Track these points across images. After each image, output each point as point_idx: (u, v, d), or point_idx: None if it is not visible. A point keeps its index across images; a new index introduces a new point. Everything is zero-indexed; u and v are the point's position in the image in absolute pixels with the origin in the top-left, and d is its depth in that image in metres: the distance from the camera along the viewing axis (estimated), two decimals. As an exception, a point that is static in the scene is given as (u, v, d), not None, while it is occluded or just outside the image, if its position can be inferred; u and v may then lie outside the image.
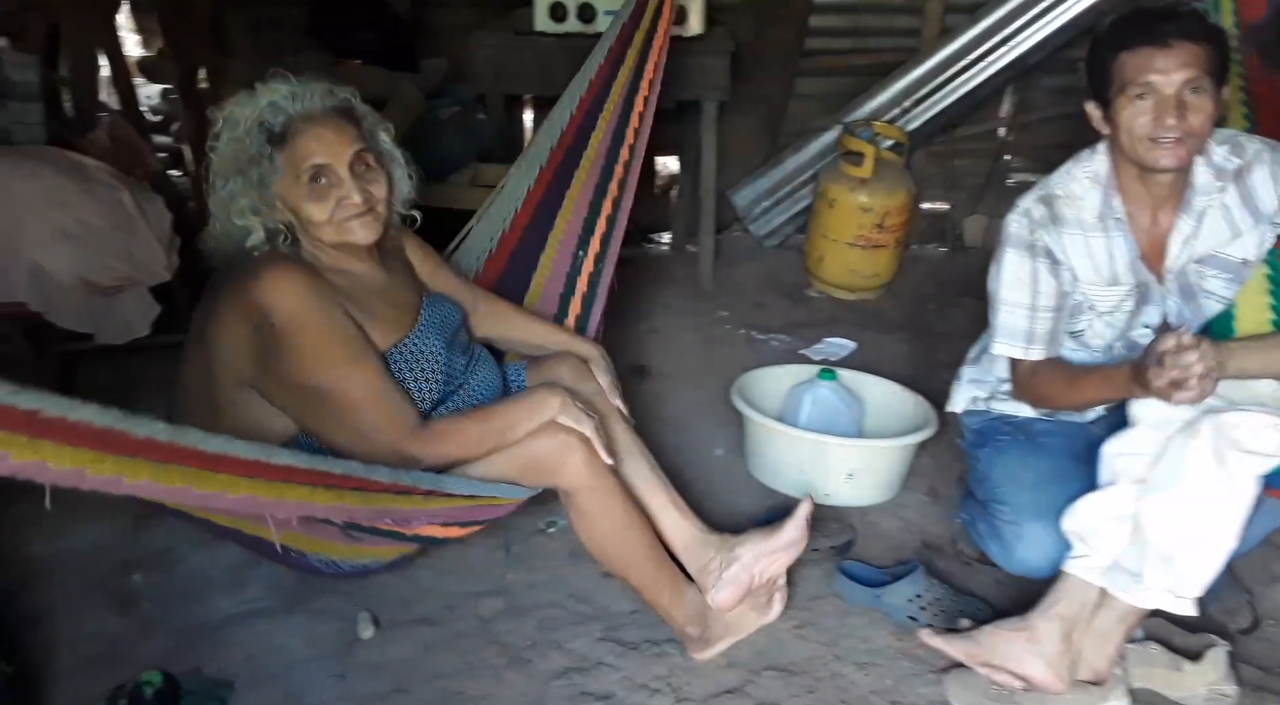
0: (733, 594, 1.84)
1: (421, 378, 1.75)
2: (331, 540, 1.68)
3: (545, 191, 2.32)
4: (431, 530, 1.68)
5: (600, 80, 2.36)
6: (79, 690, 1.79)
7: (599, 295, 2.26)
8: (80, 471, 1.03)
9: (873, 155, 3.35)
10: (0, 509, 2.21)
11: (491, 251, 2.32)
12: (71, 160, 2.69)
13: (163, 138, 4.64)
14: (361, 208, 1.68)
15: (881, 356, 3.08)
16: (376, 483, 1.41)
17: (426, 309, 1.85)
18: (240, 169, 1.65)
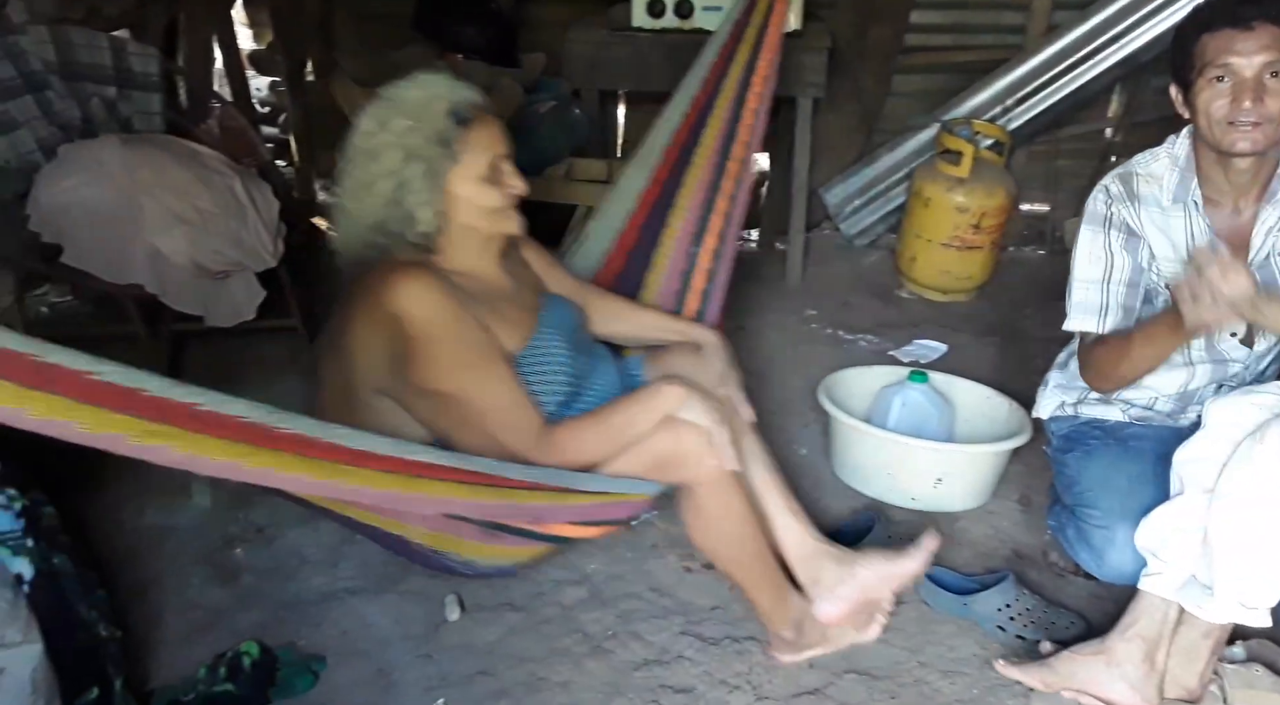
0: (841, 611, 1.83)
1: (549, 379, 1.74)
2: (471, 539, 1.67)
3: (660, 190, 2.32)
4: (565, 529, 1.67)
5: (713, 78, 2.37)
6: (182, 657, 1.88)
7: (715, 290, 2.26)
8: (237, 465, 1.09)
9: (971, 154, 3.29)
10: (115, 482, 2.33)
11: (609, 252, 2.32)
12: (188, 148, 2.81)
13: (270, 129, 4.80)
14: (518, 198, 1.72)
15: (973, 360, 3.02)
16: (509, 479, 1.42)
17: (546, 310, 1.84)
18: (420, 152, 1.63)
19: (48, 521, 1.67)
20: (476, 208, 1.69)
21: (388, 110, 1.66)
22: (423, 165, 1.63)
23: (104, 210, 2.55)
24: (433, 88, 1.67)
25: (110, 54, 2.87)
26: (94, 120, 2.83)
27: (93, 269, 2.58)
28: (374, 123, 1.67)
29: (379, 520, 1.65)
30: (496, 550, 1.74)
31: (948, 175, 3.35)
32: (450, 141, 1.64)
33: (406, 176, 1.64)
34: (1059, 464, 2.01)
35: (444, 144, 1.64)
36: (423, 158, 1.63)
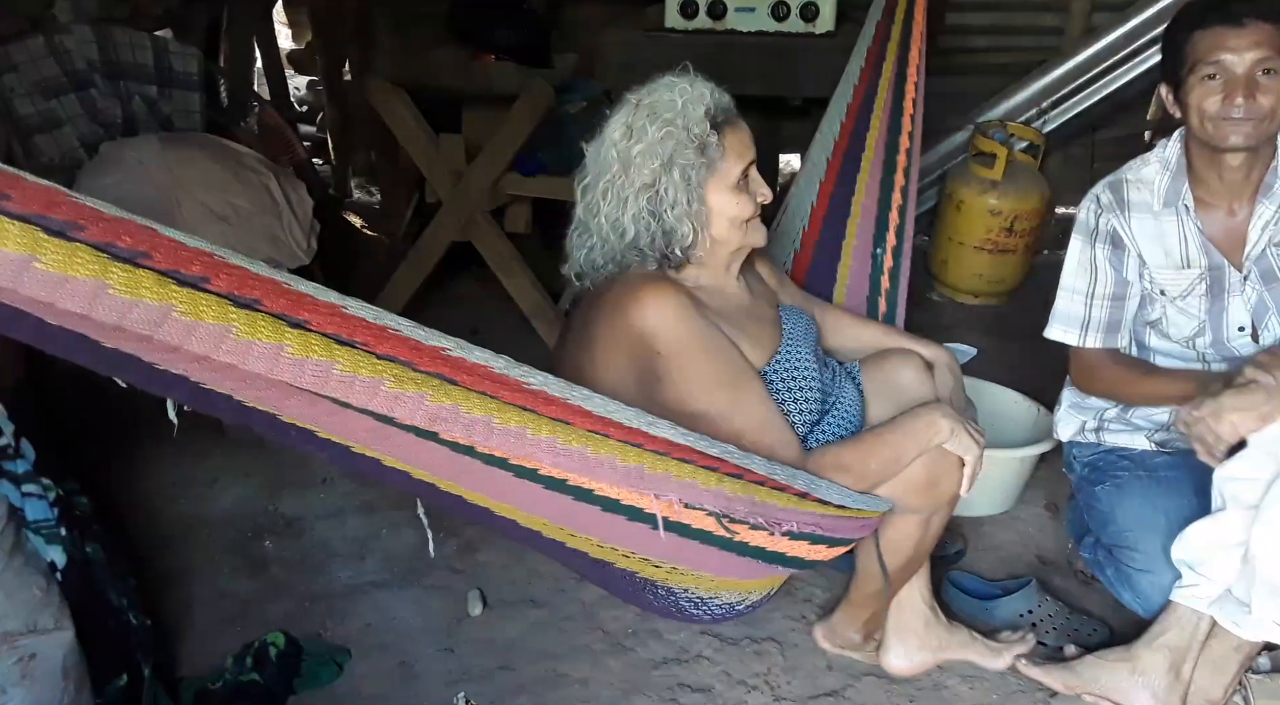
0: (907, 671, 1.84)
1: (799, 395, 1.62)
2: (702, 567, 1.49)
3: (829, 203, 2.31)
4: (799, 549, 1.47)
5: (865, 84, 2.38)
6: (210, 646, 1.92)
7: (902, 288, 2.26)
8: (488, 421, 1.01)
9: (1004, 157, 3.26)
10: (149, 472, 2.38)
11: (787, 270, 2.28)
12: (226, 147, 2.87)
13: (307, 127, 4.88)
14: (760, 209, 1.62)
15: (1004, 364, 2.99)
16: (752, 472, 1.34)
17: (786, 322, 1.72)
18: (678, 159, 1.50)
19: (81, 511, 1.72)
20: (729, 218, 1.57)
21: (639, 116, 1.52)
22: (681, 174, 1.51)
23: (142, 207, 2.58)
24: (688, 89, 1.54)
25: (152, 53, 2.93)
26: (135, 118, 2.89)
27: (131, 264, 2.64)
28: (621, 130, 1.53)
29: (615, 556, 1.45)
30: (731, 583, 1.59)
31: (981, 178, 3.32)
32: (708, 148, 1.52)
33: (666, 186, 1.51)
34: (1088, 496, 1.95)
35: (702, 150, 1.51)
36: (681, 165, 1.50)
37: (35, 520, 1.55)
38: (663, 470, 1.20)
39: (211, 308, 0.83)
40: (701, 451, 1.25)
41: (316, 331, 0.89)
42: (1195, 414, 1.54)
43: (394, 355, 0.93)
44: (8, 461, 1.52)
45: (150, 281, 0.80)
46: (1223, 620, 1.61)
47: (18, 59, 2.67)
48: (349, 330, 0.91)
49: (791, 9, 3.17)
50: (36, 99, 2.70)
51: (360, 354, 0.91)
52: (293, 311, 0.87)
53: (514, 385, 1.04)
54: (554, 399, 1.08)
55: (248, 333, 0.85)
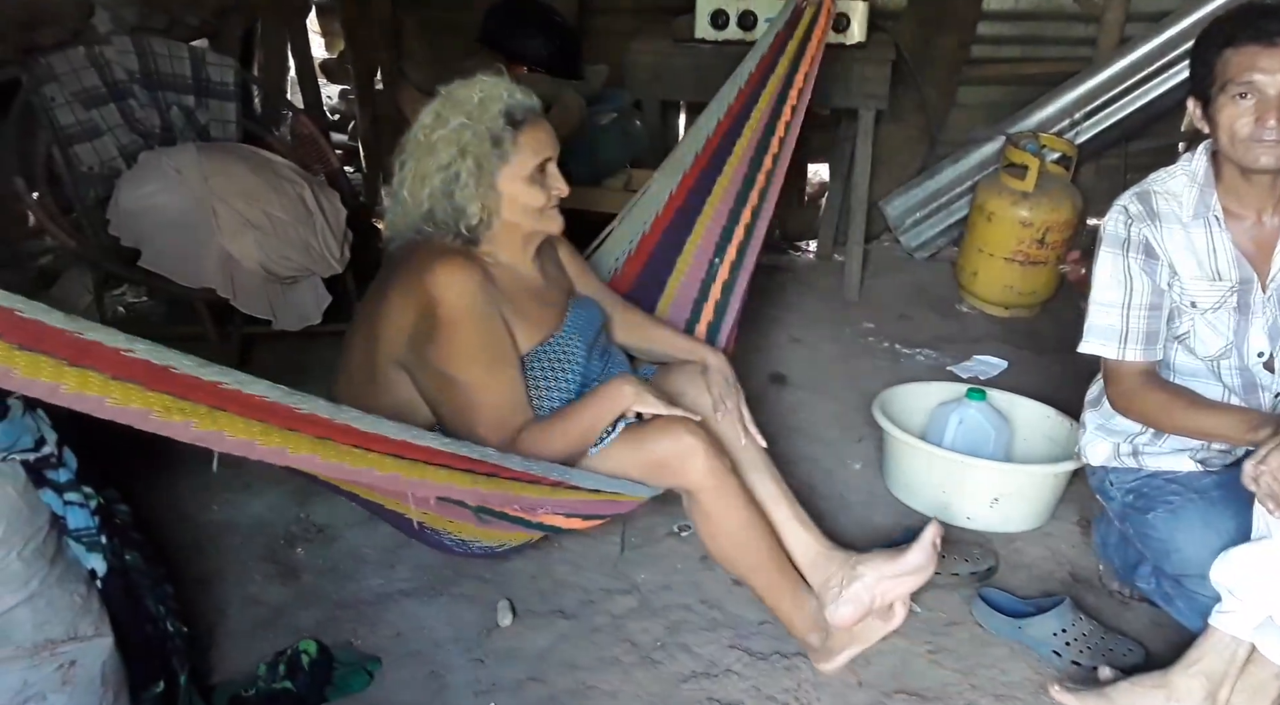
0: (851, 612, 1.82)
1: (560, 377, 1.84)
2: (464, 521, 1.75)
3: (686, 196, 2.34)
4: (555, 520, 1.75)
5: (750, 88, 2.37)
6: (243, 652, 1.94)
7: (732, 304, 2.27)
8: (251, 443, 1.14)
9: (1036, 168, 3.24)
10: (182, 477, 2.41)
11: (630, 253, 2.36)
12: (260, 156, 2.90)
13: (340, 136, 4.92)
14: (559, 198, 1.83)
15: (1035, 378, 2.97)
16: (508, 470, 1.50)
17: (573, 311, 1.93)
18: (471, 150, 1.73)
19: (121, 519, 1.74)
20: (521, 206, 1.79)
21: (446, 107, 1.77)
22: (474, 161, 1.73)
23: (180, 216, 2.64)
24: (490, 89, 1.77)
25: (190, 64, 2.97)
26: (173, 128, 2.93)
27: (167, 272, 2.67)
28: (432, 117, 1.78)
29: (383, 499, 1.76)
30: (489, 533, 1.84)
31: (1012, 189, 3.30)
32: (502, 141, 1.74)
33: (458, 171, 1.74)
34: (1140, 525, 1.90)
35: (496, 143, 1.74)
36: (475, 154, 1.73)
37: (76, 528, 1.57)
38: (418, 476, 1.37)
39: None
40: (463, 455, 1.42)
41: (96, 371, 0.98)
42: (1261, 467, 1.52)
43: (166, 389, 1.04)
44: (50, 470, 1.55)
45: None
46: (1263, 647, 1.59)
47: (59, 70, 2.71)
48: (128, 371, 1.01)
49: (822, 20, 3.17)
50: (77, 109, 2.74)
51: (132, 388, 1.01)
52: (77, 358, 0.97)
53: (282, 411, 1.17)
54: (321, 420, 1.21)
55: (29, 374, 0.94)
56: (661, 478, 1.79)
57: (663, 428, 1.78)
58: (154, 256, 2.65)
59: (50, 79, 2.69)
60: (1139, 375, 1.82)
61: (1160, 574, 1.89)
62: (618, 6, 3.96)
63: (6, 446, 1.47)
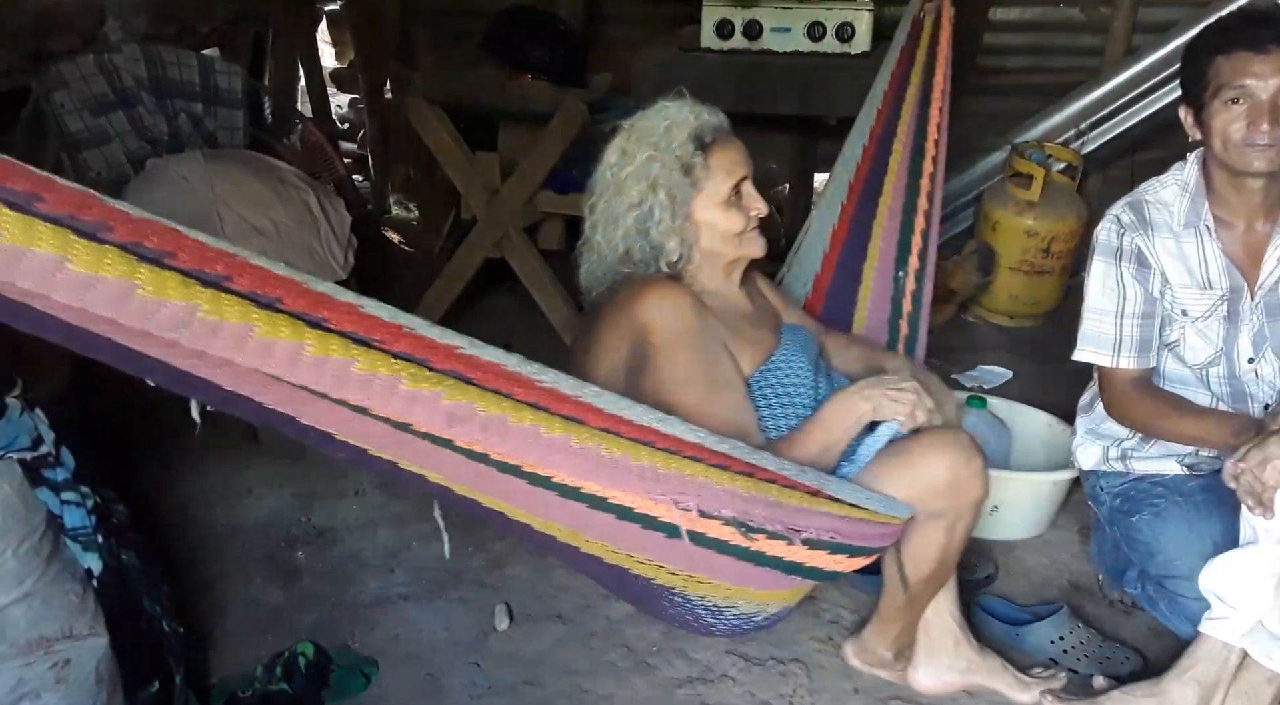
0: (935, 690, 1.82)
1: (791, 394, 1.69)
2: (720, 577, 1.51)
3: (850, 226, 2.31)
4: (818, 559, 1.46)
5: (888, 107, 2.36)
6: (241, 654, 1.94)
7: (924, 311, 2.23)
8: (503, 419, 1.02)
9: (1042, 178, 3.24)
10: (185, 480, 2.43)
11: (808, 295, 2.30)
12: (266, 163, 2.93)
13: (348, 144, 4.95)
14: (759, 219, 1.72)
15: (1040, 387, 2.96)
16: (762, 469, 1.34)
17: (787, 332, 1.82)
18: (662, 183, 1.62)
19: (118, 519, 1.75)
20: (720, 232, 1.68)
21: (630, 141, 1.66)
22: (666, 194, 1.62)
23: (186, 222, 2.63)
24: (673, 114, 1.66)
25: (198, 72, 3.01)
26: (181, 135, 2.96)
27: (173, 277, 2.69)
28: (617, 154, 1.67)
29: (632, 564, 1.46)
30: (750, 593, 1.59)
31: (1017, 199, 3.30)
32: (693, 168, 1.63)
33: (651, 206, 1.63)
34: (1126, 528, 1.91)
35: (686, 171, 1.63)
36: (666, 186, 1.62)
37: (73, 528, 1.58)
38: (675, 469, 1.21)
39: (234, 308, 0.85)
40: (710, 449, 1.26)
41: (335, 330, 0.90)
42: (1241, 465, 1.52)
43: (410, 353, 0.95)
44: (48, 469, 1.56)
45: (175, 282, 0.82)
46: (1255, 653, 1.59)
47: (69, 77, 2.75)
48: (366, 328, 0.92)
49: (827, 29, 3.18)
50: (86, 115, 2.78)
51: (377, 353, 0.92)
52: (311, 310, 0.89)
53: (527, 382, 1.05)
54: (566, 396, 1.09)
55: (269, 332, 0.86)
56: (934, 500, 1.59)
57: (944, 446, 1.59)
58: (160, 262, 2.67)
59: (60, 86, 2.73)
60: (1132, 382, 1.83)
61: (1145, 577, 1.90)
62: (624, 15, 3.99)
63: (4, 445, 1.48)
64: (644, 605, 1.70)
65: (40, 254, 0.76)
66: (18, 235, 0.74)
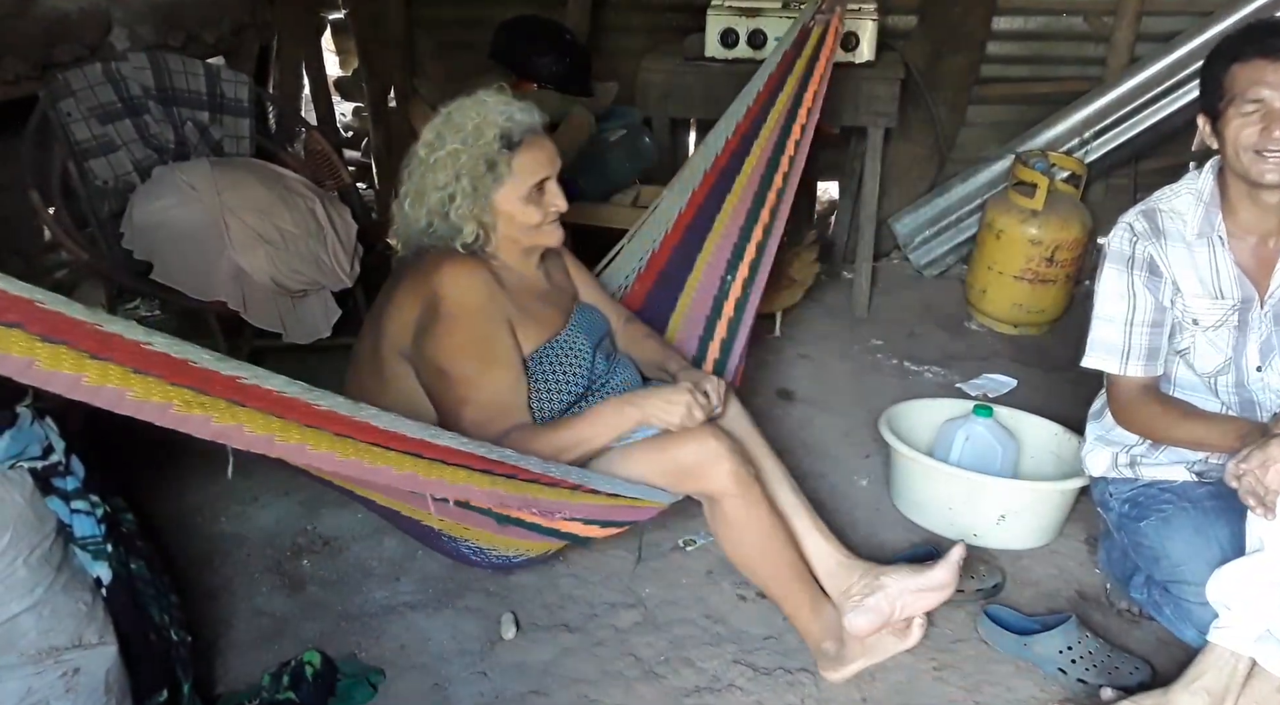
0: (871, 622, 1.83)
1: (567, 372, 1.87)
2: (482, 528, 1.76)
3: (696, 214, 2.34)
4: (573, 527, 1.75)
5: (758, 106, 2.38)
6: (248, 663, 1.94)
7: (745, 322, 2.26)
8: (269, 438, 1.13)
9: (1045, 186, 3.24)
10: (192, 489, 2.42)
11: (640, 271, 2.37)
12: (273, 171, 2.93)
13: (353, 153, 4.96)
14: (558, 214, 1.87)
15: (1044, 396, 2.96)
16: (527, 471, 1.50)
17: (578, 313, 1.98)
18: (468, 172, 1.78)
19: (127, 528, 1.75)
20: (518, 224, 1.84)
21: (446, 128, 1.81)
22: (470, 183, 1.78)
23: (192, 230, 2.67)
24: (487, 112, 1.79)
25: (205, 80, 3.01)
26: (187, 143, 2.96)
27: (179, 285, 2.70)
28: (433, 135, 1.82)
29: (399, 505, 1.76)
30: (508, 542, 1.84)
31: (1021, 207, 3.30)
32: (497, 164, 1.78)
33: (453, 192, 1.78)
34: (1134, 533, 1.93)
35: (490, 166, 1.78)
36: (470, 176, 1.78)
37: (83, 536, 1.58)
38: (436, 476, 1.36)
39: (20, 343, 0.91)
40: (480, 456, 1.40)
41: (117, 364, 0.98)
42: (1243, 466, 1.52)
43: (187, 383, 1.03)
44: (58, 478, 1.56)
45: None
46: (1264, 661, 1.59)
47: (76, 85, 2.75)
48: (149, 364, 1.01)
49: (831, 38, 3.18)
50: (93, 124, 2.77)
51: (154, 382, 1.00)
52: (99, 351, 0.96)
53: (301, 406, 1.17)
54: (339, 417, 1.21)
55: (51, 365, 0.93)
56: (685, 483, 1.80)
57: (688, 433, 1.79)
58: (166, 270, 2.68)
59: (67, 94, 2.73)
60: (1139, 389, 1.84)
61: (1151, 582, 1.91)
62: (629, 25, 3.99)
63: (15, 454, 1.48)
64: (422, 540, 1.97)
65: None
66: None
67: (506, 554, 1.92)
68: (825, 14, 2.39)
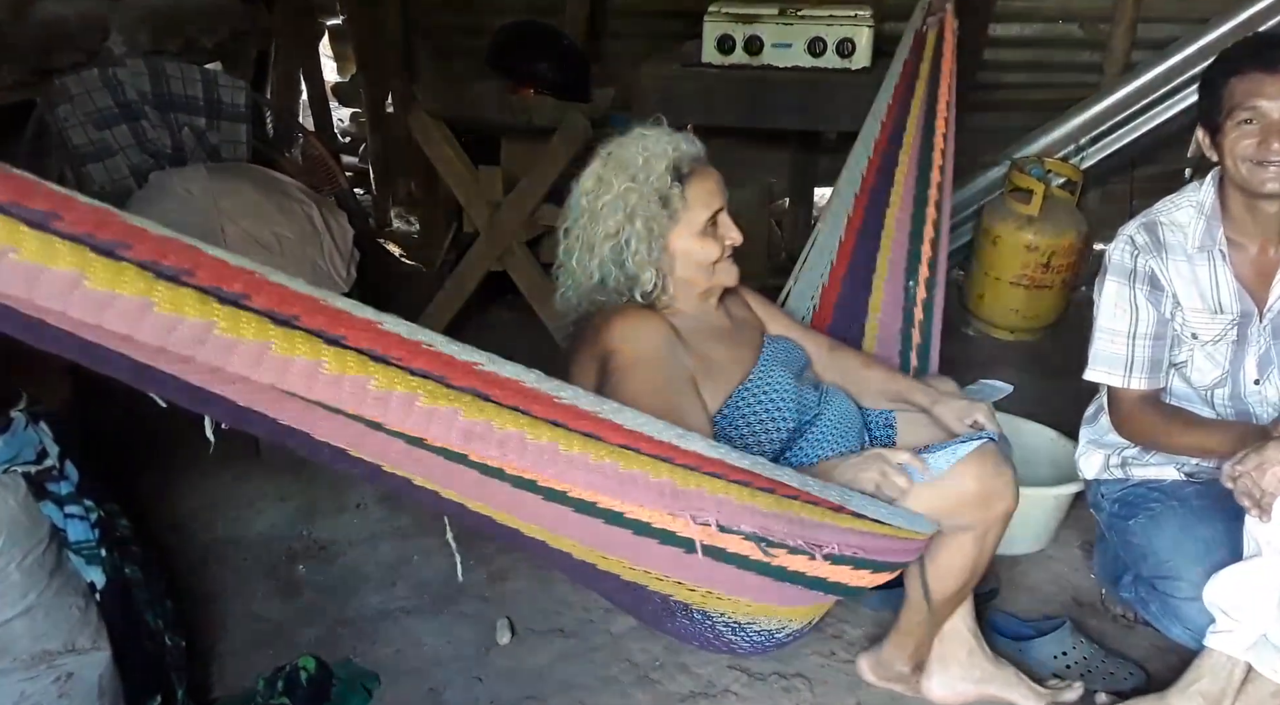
0: (948, 700, 1.82)
1: (771, 410, 1.68)
2: (739, 591, 1.47)
3: (857, 238, 2.30)
4: (843, 575, 1.43)
5: (892, 120, 2.36)
6: (242, 668, 1.94)
7: (935, 319, 2.24)
8: (521, 435, 1.01)
9: (1041, 192, 3.25)
10: (188, 495, 2.42)
11: (814, 308, 2.28)
12: (270, 177, 2.94)
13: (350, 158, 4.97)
14: (732, 250, 1.72)
15: (1040, 402, 2.95)
16: (785, 485, 1.31)
17: (768, 346, 1.81)
18: (640, 214, 1.62)
19: (121, 532, 1.75)
20: (696, 262, 1.69)
21: (607, 169, 1.66)
22: (644, 225, 1.62)
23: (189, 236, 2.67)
24: (653, 144, 1.65)
25: (202, 86, 3.02)
26: (184, 148, 2.97)
27: (176, 290, 2.69)
28: (595, 180, 1.67)
29: (647, 579, 1.43)
30: (770, 609, 1.56)
31: (1017, 213, 3.31)
32: (670, 200, 1.64)
33: (629, 237, 1.63)
34: (1122, 532, 1.94)
35: (664, 203, 1.63)
36: (644, 217, 1.62)
37: (77, 541, 1.58)
38: (695, 485, 1.18)
39: (251, 325, 0.83)
40: (732, 465, 1.23)
41: (352, 347, 0.89)
42: (1239, 468, 1.52)
43: (427, 370, 0.94)
44: (52, 483, 1.56)
45: (193, 299, 0.81)
46: (1260, 666, 1.59)
47: (73, 91, 2.76)
48: (384, 346, 0.91)
49: (828, 45, 3.19)
50: (90, 129, 2.78)
51: (395, 370, 0.91)
52: (330, 328, 0.88)
53: (545, 400, 1.04)
54: (584, 413, 1.08)
55: (285, 349, 0.85)
56: (963, 513, 1.58)
57: (977, 459, 1.57)
58: (163, 275, 2.68)
59: (64, 99, 2.74)
60: (1141, 400, 1.84)
61: (1139, 580, 1.91)
62: (627, 31, 4.01)
63: (9, 459, 1.48)
64: (660, 623, 1.65)
65: (57, 271, 0.75)
66: (35, 253, 0.73)
67: (769, 629, 1.60)
68: (937, 14, 2.39)
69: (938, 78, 2.33)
